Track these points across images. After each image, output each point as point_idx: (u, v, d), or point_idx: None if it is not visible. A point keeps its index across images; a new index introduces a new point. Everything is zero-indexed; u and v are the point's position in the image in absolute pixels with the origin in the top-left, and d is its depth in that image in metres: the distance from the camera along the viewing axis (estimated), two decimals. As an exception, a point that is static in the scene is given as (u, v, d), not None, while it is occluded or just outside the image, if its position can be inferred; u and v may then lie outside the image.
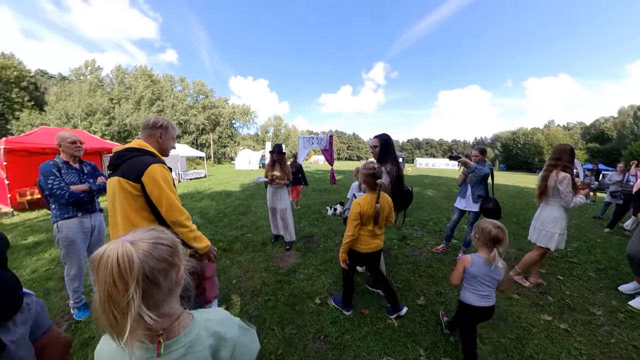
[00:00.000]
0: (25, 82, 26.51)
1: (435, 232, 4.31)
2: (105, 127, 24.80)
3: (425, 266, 2.98)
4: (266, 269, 2.91)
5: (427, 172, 25.18)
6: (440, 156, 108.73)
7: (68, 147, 2.03)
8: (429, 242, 3.76)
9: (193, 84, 42.04)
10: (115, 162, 1.28)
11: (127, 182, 1.21)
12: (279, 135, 58.17)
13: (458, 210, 3.22)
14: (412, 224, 4.74)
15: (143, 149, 1.31)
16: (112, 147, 9.61)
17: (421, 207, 6.31)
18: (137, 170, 1.21)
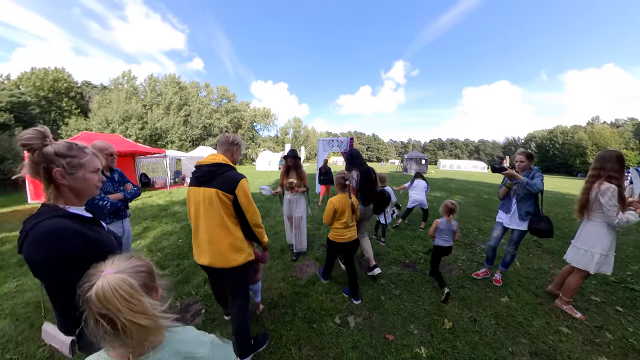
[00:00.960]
0: (73, 92, 29.51)
1: (465, 244, 3.93)
2: (139, 131, 26.87)
3: (456, 286, 2.70)
4: (284, 279, 2.83)
5: (453, 174, 23.71)
6: (466, 157, 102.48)
7: (105, 158, 2.13)
8: (459, 257, 3.43)
9: (217, 89, 44.08)
10: (210, 176, 1.52)
11: (224, 193, 1.48)
12: (298, 137, 58.82)
13: (500, 226, 2.72)
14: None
15: (229, 164, 1.58)
16: (143, 150, 10.35)
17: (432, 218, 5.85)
18: (232, 184, 1.49)
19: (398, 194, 6.49)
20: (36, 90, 25.30)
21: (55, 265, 0.81)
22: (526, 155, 2.55)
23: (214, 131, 38.21)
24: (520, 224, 2.54)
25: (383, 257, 3.38)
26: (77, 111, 28.66)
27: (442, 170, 35.79)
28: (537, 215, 2.47)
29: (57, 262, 0.81)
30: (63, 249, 0.81)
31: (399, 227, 4.77)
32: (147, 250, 3.80)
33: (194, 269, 3.12)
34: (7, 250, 4.02)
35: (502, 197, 2.72)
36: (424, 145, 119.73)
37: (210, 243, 1.52)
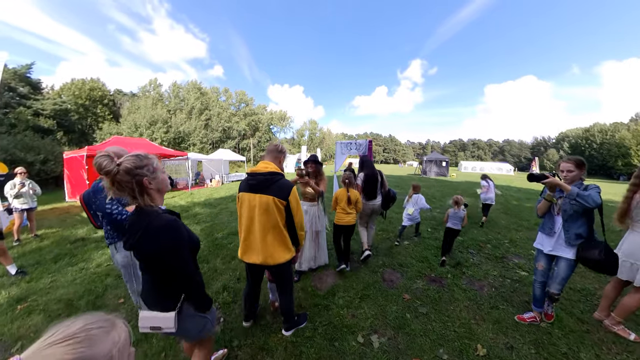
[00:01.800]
0: (107, 99, 31.82)
1: (495, 258, 3.64)
2: (163, 135, 28.41)
3: (488, 306, 2.47)
4: (303, 289, 2.77)
5: (476, 177, 22.56)
6: (490, 159, 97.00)
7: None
8: (489, 273, 3.17)
9: (235, 94, 45.60)
10: (266, 184, 1.69)
11: (280, 200, 1.67)
12: (314, 139, 59.17)
13: (543, 255, 2.13)
14: (466, 245, 4.11)
15: (281, 173, 1.77)
16: (168, 153, 10.85)
17: (475, 223, 5.48)
18: (286, 191, 1.69)
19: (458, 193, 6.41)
20: (75, 98, 27.63)
21: (177, 250, 1.04)
22: (575, 162, 1.94)
23: (233, 134, 39.55)
24: (566, 251, 1.95)
25: (407, 270, 3.22)
26: (109, 117, 30.87)
27: (464, 172, 34.09)
28: (591, 239, 1.90)
29: (179, 247, 1.05)
30: (181, 236, 1.06)
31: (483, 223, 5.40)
32: None
33: (213, 274, 3.17)
34: (46, 246, 4.34)
35: (541, 213, 2.11)
36: (443, 146, 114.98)
37: (264, 244, 1.72)
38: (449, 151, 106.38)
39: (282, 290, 1.96)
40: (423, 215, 5.98)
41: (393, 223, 5.36)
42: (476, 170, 36.79)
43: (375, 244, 4.11)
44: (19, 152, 12.91)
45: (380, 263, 3.38)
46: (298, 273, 3.00)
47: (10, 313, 2.46)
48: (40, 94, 24.59)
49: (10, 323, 2.31)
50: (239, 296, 2.66)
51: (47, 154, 13.81)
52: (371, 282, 2.89)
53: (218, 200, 8.50)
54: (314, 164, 2.95)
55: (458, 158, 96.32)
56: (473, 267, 3.32)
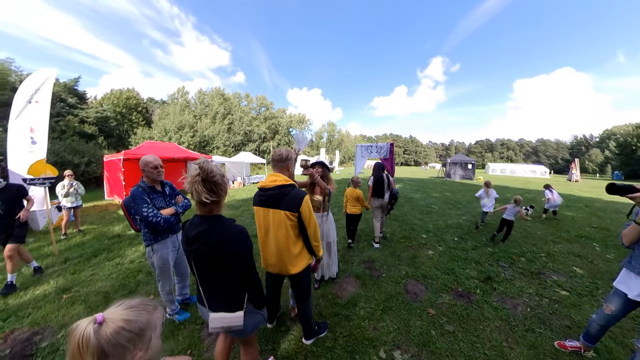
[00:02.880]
0: (141, 107, 34.47)
1: (531, 273, 3.32)
2: (190, 139, 30.15)
3: (522, 328, 2.26)
4: (323, 296, 2.75)
5: (506, 181, 20.91)
6: (522, 160, 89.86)
7: (151, 172, 2.09)
8: (524, 290, 2.91)
9: (256, 99, 47.12)
10: (275, 198, 1.69)
11: (291, 214, 1.66)
12: (332, 141, 59.21)
13: (622, 299, 1.66)
14: (496, 257, 3.81)
15: (291, 184, 1.72)
16: (194, 156, 11.47)
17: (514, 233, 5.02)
18: (297, 202, 1.66)
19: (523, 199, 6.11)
20: (114, 107, 30.31)
21: (249, 254, 1.19)
22: None
23: (254, 137, 40.87)
24: None
25: (431, 282, 3.06)
26: (143, 123, 33.38)
27: (492, 175, 31.86)
28: None
29: (249, 252, 1.19)
30: (250, 243, 1.20)
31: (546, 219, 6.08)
32: None
33: None
34: (87, 241, 4.80)
35: (630, 242, 1.60)
36: (468, 147, 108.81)
37: (280, 256, 1.75)
38: (474, 152, 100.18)
39: (299, 297, 1.97)
40: (448, 223, 5.71)
41: (416, 230, 5.17)
42: (505, 173, 34.13)
43: (398, 252, 3.99)
44: (68, 155, 14.44)
45: (403, 273, 3.25)
46: (318, 281, 2.95)
47: (57, 301, 2.74)
48: (85, 103, 27.37)
49: (57, 311, 2.57)
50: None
51: (90, 156, 15.36)
52: (394, 293, 2.80)
53: (240, 202, 8.79)
54: (322, 168, 2.75)
55: (485, 160, 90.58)
56: (505, 282, 3.06)
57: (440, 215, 6.57)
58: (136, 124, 32.58)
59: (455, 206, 7.96)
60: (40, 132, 5.30)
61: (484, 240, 4.57)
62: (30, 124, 5.30)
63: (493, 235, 4.54)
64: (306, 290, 1.95)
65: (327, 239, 2.87)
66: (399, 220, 6.05)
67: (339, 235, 4.47)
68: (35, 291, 2.96)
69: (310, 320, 2.02)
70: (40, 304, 2.72)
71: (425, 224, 5.64)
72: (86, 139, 22.06)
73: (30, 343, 2.16)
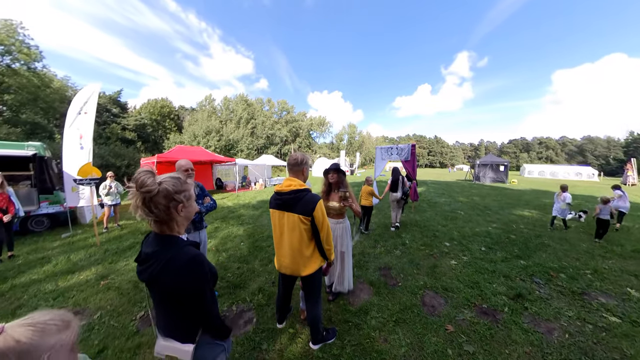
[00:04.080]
0: (173, 114, 37.55)
1: (572, 293, 2.89)
2: (216, 143, 32.03)
3: (558, 357, 1.98)
4: (335, 301, 2.69)
5: (545, 184, 18.85)
6: (564, 161, 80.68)
7: (184, 174, 2.42)
8: (562, 312, 2.54)
9: (277, 103, 48.80)
10: (290, 202, 1.75)
11: (305, 217, 1.72)
12: (353, 143, 58.78)
13: None
14: (530, 272, 3.42)
15: (305, 188, 1.77)
16: (219, 159, 12.03)
17: (545, 244, 4.45)
18: (311, 206, 1.70)
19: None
20: (150, 115, 33.32)
21: (199, 287, 0.95)
22: None
23: (275, 140, 42.16)
24: None
25: (452, 295, 2.84)
26: (175, 129, 36.18)
27: (528, 178, 29.05)
28: None
29: (201, 285, 0.95)
30: (204, 273, 0.96)
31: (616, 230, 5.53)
32: (215, 250, 4.29)
33: (251, 275, 3.34)
34: (124, 235, 5.37)
35: None
36: (501, 146, 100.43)
37: (293, 257, 1.81)
38: (507, 152, 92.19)
39: (309, 298, 1.99)
40: (476, 231, 5.31)
41: (439, 237, 4.88)
42: (544, 175, 30.92)
43: (416, 260, 3.79)
44: (111, 158, 16.19)
45: (421, 284, 3.07)
46: (334, 294, 2.75)
47: (95, 287, 3.11)
48: (127, 112, 30.43)
49: (95, 295, 2.92)
50: (273, 300, 2.75)
51: (130, 159, 17.06)
52: (409, 304, 2.65)
53: (260, 203, 9.03)
54: (336, 174, 2.55)
55: (520, 160, 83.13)
56: (539, 302, 2.72)
57: (466, 222, 6.14)
58: (169, 129, 35.37)
59: (483, 212, 7.38)
60: (87, 139, 5.99)
61: (516, 252, 4.14)
62: (80, 132, 6.00)
63: (599, 235, 4.79)
64: (316, 293, 1.97)
65: (341, 248, 2.67)
66: (420, 225, 5.76)
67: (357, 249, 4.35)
68: (79, 276, 3.42)
69: (318, 324, 2.00)
70: (83, 287, 3.12)
71: (449, 231, 5.30)
72: (126, 144, 24.51)
73: None
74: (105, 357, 2.01)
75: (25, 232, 5.45)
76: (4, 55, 17.79)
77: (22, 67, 18.58)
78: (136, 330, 2.31)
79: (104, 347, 2.11)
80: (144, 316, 2.52)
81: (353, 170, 32.09)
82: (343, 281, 2.70)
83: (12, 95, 18.01)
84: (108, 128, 25.33)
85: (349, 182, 2.66)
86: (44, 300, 2.83)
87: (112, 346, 2.12)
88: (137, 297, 2.84)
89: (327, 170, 2.59)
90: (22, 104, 18.55)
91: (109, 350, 2.08)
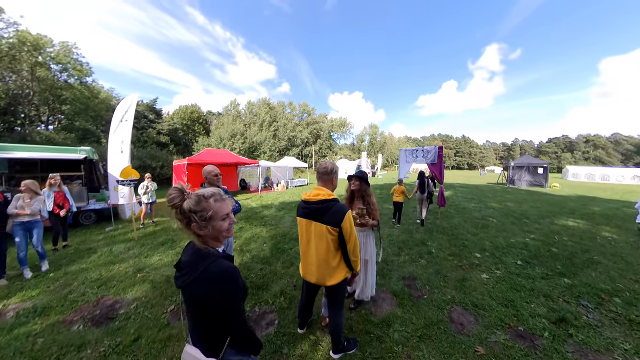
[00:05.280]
0: (202, 119, 39.98)
1: (629, 322, 2.49)
2: (241, 145, 33.50)
3: None
4: (356, 311, 2.64)
5: (593, 190, 16.50)
6: (619, 162, 70.83)
7: (212, 179, 2.54)
8: (616, 344, 2.20)
9: (299, 106, 49.80)
10: (319, 212, 1.77)
11: (333, 228, 1.72)
12: (374, 144, 57.74)
13: None
14: (576, 293, 3.01)
15: (334, 198, 1.78)
16: (244, 161, 12.54)
17: (594, 261, 3.91)
18: (339, 217, 1.71)
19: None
20: (181, 120, 35.84)
21: (231, 301, 0.97)
22: None
23: (297, 142, 43.00)
24: None
25: (484, 314, 2.61)
26: (203, 132, 38.50)
27: (573, 182, 25.92)
28: None
29: (233, 299, 0.97)
30: (237, 287, 0.98)
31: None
32: (239, 250, 4.44)
33: (273, 277, 3.40)
34: (158, 232, 5.81)
35: None
36: (539, 146, 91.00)
37: (319, 267, 1.82)
38: (547, 153, 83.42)
39: (332, 308, 1.99)
40: (511, 242, 4.88)
41: (468, 247, 4.57)
42: (594, 179, 27.42)
43: (444, 271, 3.58)
44: (148, 160, 17.65)
45: (449, 298, 2.88)
46: (356, 302, 2.72)
47: (133, 279, 3.43)
48: (161, 118, 33.15)
49: (133, 286, 3.21)
50: (294, 303, 2.77)
51: (164, 161, 18.46)
52: (435, 320, 2.50)
53: (283, 205, 9.20)
54: (359, 181, 2.44)
55: (562, 162, 74.93)
56: (587, 329, 2.39)
57: (499, 231, 5.66)
58: (198, 133, 37.70)
59: (520, 221, 6.75)
60: (127, 144, 6.63)
61: (559, 268, 3.69)
62: (122, 137, 6.65)
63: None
64: (340, 303, 1.96)
65: (365, 256, 2.64)
66: (447, 233, 5.44)
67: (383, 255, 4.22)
68: (119, 268, 3.77)
69: (340, 334, 1.99)
70: (122, 278, 3.43)
71: (481, 241, 4.93)
72: (161, 147, 26.65)
73: (113, 309, 2.75)
74: (140, 346, 2.17)
75: (77, 225, 6.20)
76: (62, 72, 20.63)
77: (76, 82, 21.52)
78: (167, 323, 2.47)
79: (139, 336, 2.29)
80: (174, 310, 2.69)
81: (375, 172, 31.44)
82: (366, 289, 2.67)
83: (69, 106, 20.87)
84: (145, 133, 27.72)
85: (372, 189, 2.60)
86: (89, 288, 3.18)
87: (146, 336, 2.29)
88: (168, 292, 3.05)
89: (350, 177, 2.53)
90: (76, 113, 21.40)
91: (143, 340, 2.25)
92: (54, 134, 18.67)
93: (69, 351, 2.12)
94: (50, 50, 19.29)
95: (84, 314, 2.64)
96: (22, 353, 2.09)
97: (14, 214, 3.45)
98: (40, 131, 18.67)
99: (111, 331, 2.38)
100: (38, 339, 2.26)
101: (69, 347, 2.16)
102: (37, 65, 18.30)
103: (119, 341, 2.24)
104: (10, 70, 17.10)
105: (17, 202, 3.52)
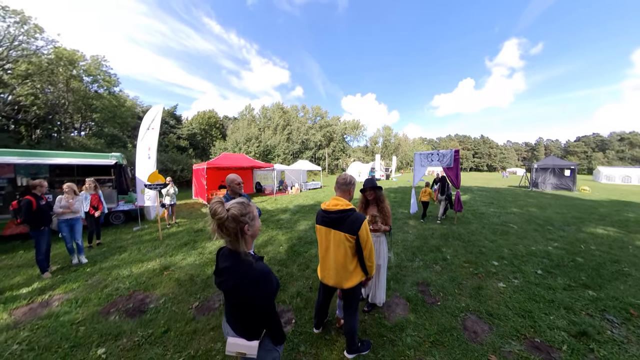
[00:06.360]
0: (218, 124, 41.49)
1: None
2: (255, 149, 34.28)
3: None
4: (370, 313, 2.71)
5: (629, 193, 15.03)
6: (659, 164, 64.76)
7: (235, 187, 2.76)
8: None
9: (312, 109, 50.14)
10: (338, 221, 1.90)
11: (351, 236, 1.85)
12: (388, 146, 57.00)
13: None
14: (601, 306, 2.84)
15: (351, 208, 1.92)
16: (259, 165, 12.99)
17: (624, 273, 3.70)
18: (357, 225, 1.84)
19: None
20: (199, 125, 37.45)
21: (267, 300, 1.15)
22: None
23: (310, 145, 43.39)
24: None
25: (499, 323, 2.57)
26: (219, 136, 39.92)
27: (606, 184, 23.69)
28: None
29: (269, 298, 1.15)
30: (272, 288, 1.16)
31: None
32: (257, 252, 4.60)
33: (290, 279, 3.54)
34: (180, 232, 6.15)
35: None
36: (565, 145, 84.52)
37: (337, 271, 1.96)
38: (575, 153, 77.50)
39: (347, 309, 2.11)
40: (531, 250, 4.71)
41: (485, 254, 4.46)
42: (630, 182, 24.83)
43: (459, 278, 3.54)
44: (169, 163, 18.63)
45: (463, 305, 2.86)
46: (370, 305, 2.81)
47: (160, 276, 3.71)
48: (181, 124, 34.86)
49: (160, 283, 3.49)
50: (310, 304, 2.89)
51: (184, 165, 19.40)
52: (448, 327, 2.50)
53: (297, 207, 9.38)
54: (373, 191, 2.61)
55: (593, 162, 69.18)
56: (610, 344, 2.27)
57: (520, 238, 5.44)
58: (215, 137, 39.16)
59: (543, 227, 6.42)
60: (153, 150, 7.10)
61: (583, 279, 3.51)
62: (148, 144, 7.13)
63: None
64: (355, 305, 2.08)
65: (378, 261, 2.68)
66: (463, 239, 5.32)
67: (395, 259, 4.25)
68: (147, 265, 4.08)
69: (354, 335, 2.09)
70: (150, 275, 3.71)
71: (499, 248, 4.79)
72: (181, 150, 28.06)
73: (144, 303, 3.01)
74: (169, 338, 2.38)
75: (108, 224, 6.76)
76: (93, 83, 22.68)
77: (105, 92, 23.68)
78: (192, 317, 2.68)
79: (168, 328, 2.50)
80: (198, 306, 2.89)
81: (389, 175, 31.00)
82: (377, 291, 2.78)
83: (98, 114, 22.87)
84: (166, 138, 29.33)
85: (385, 194, 2.69)
86: (122, 283, 3.48)
87: (174, 328, 2.50)
88: (192, 289, 3.28)
89: (363, 189, 2.64)
90: (105, 120, 23.36)
91: (172, 332, 2.46)
92: (86, 139, 20.43)
93: (107, 339, 2.36)
94: (82, 64, 21.18)
95: (119, 306, 2.91)
96: (67, 338, 2.37)
97: (60, 212, 3.90)
98: (74, 137, 20.51)
99: (143, 322, 2.61)
100: (80, 327, 2.53)
101: (107, 335, 2.41)
102: (71, 78, 20.19)
103: (150, 332, 2.46)
104: (48, 82, 18.88)
105: (60, 202, 3.97)
